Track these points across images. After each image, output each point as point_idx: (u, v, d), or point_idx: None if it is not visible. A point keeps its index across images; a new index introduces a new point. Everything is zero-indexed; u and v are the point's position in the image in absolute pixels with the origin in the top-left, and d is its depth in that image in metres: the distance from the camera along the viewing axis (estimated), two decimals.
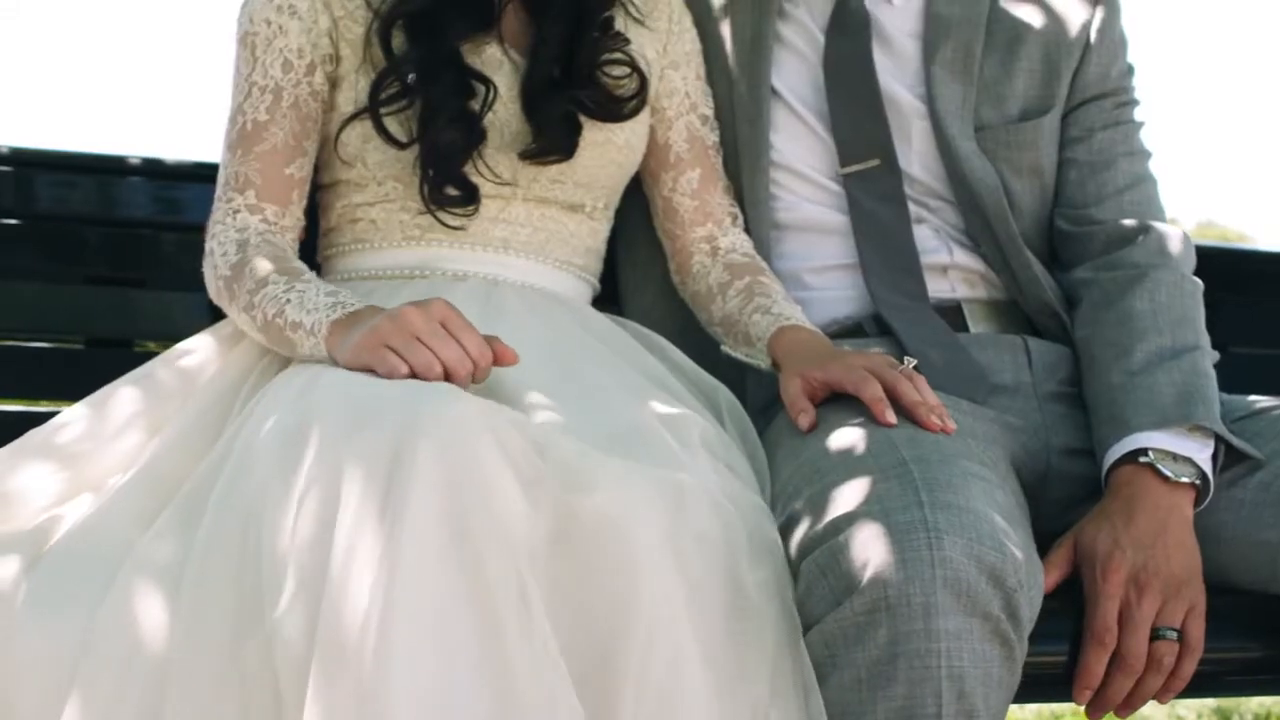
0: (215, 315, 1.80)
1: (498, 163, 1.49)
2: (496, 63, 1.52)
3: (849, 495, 1.21)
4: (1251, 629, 1.42)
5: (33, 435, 1.36)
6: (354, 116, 1.48)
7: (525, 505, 1.08)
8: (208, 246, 1.47)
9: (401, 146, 1.46)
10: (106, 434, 1.35)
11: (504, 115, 1.51)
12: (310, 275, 1.40)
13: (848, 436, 1.30)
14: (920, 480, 1.18)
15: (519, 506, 1.07)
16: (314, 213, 1.59)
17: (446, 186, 1.47)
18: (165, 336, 1.78)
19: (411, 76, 1.45)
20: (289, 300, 1.35)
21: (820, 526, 1.20)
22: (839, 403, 1.37)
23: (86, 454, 1.33)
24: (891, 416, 1.30)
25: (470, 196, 1.48)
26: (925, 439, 1.26)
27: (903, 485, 1.19)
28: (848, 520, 1.18)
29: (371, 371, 1.23)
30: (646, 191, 1.71)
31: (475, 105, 1.47)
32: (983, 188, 1.62)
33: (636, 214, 1.73)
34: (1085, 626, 1.31)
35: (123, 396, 1.39)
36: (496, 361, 1.25)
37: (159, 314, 1.80)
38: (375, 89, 1.45)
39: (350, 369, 1.25)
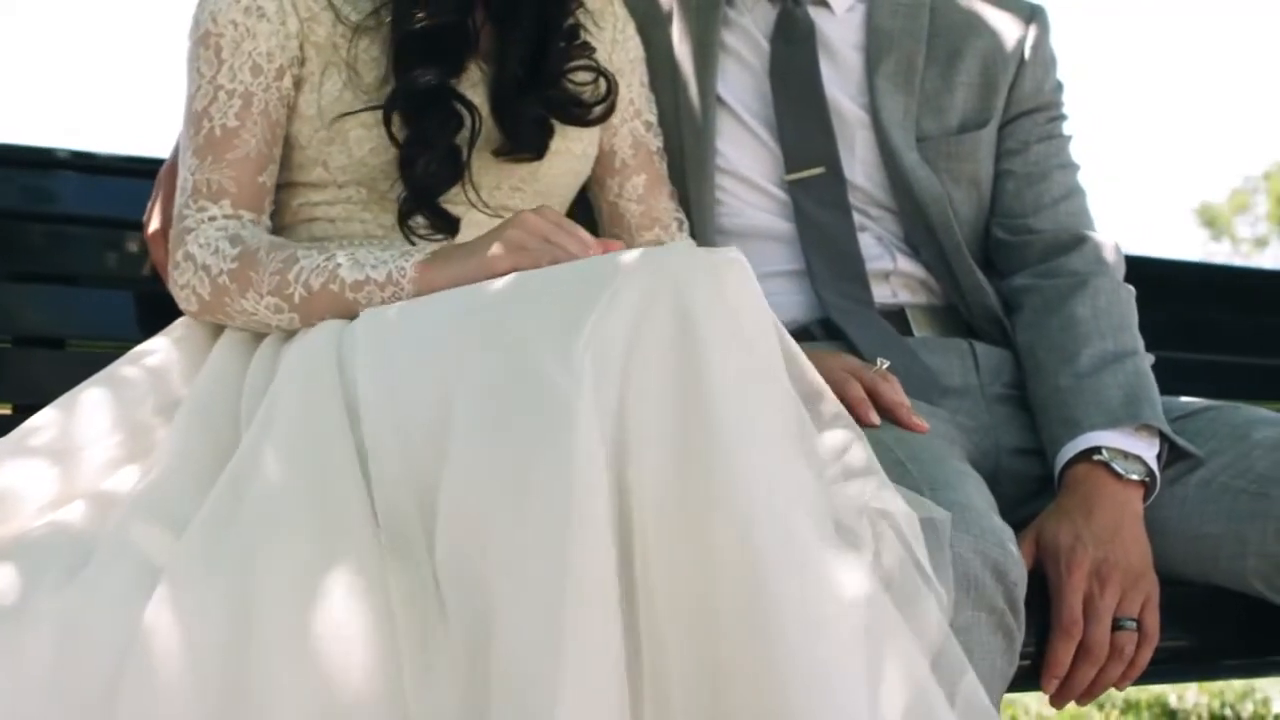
0: (146, 314, 1.74)
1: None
2: (471, 77, 1.50)
3: None
4: (1191, 618, 1.49)
5: (5, 441, 1.31)
6: (338, 118, 1.44)
7: None
8: (185, 251, 1.40)
9: (400, 148, 1.43)
10: (86, 437, 1.30)
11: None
12: (335, 247, 1.38)
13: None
14: (920, 479, 1.22)
15: None
16: None
17: (418, 215, 1.45)
18: (96, 335, 1.74)
19: (406, 101, 1.42)
20: (339, 264, 1.32)
21: None
22: None
23: (71, 456, 1.28)
24: (875, 417, 1.33)
25: (446, 225, 1.46)
26: (912, 439, 1.30)
27: (904, 484, 1.21)
28: None
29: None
30: (592, 199, 1.71)
31: (461, 141, 1.44)
32: (928, 197, 1.67)
33: (583, 220, 1.73)
34: (1052, 619, 1.37)
35: (93, 399, 1.34)
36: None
37: (89, 312, 1.74)
38: (389, 105, 1.42)
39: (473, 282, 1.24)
